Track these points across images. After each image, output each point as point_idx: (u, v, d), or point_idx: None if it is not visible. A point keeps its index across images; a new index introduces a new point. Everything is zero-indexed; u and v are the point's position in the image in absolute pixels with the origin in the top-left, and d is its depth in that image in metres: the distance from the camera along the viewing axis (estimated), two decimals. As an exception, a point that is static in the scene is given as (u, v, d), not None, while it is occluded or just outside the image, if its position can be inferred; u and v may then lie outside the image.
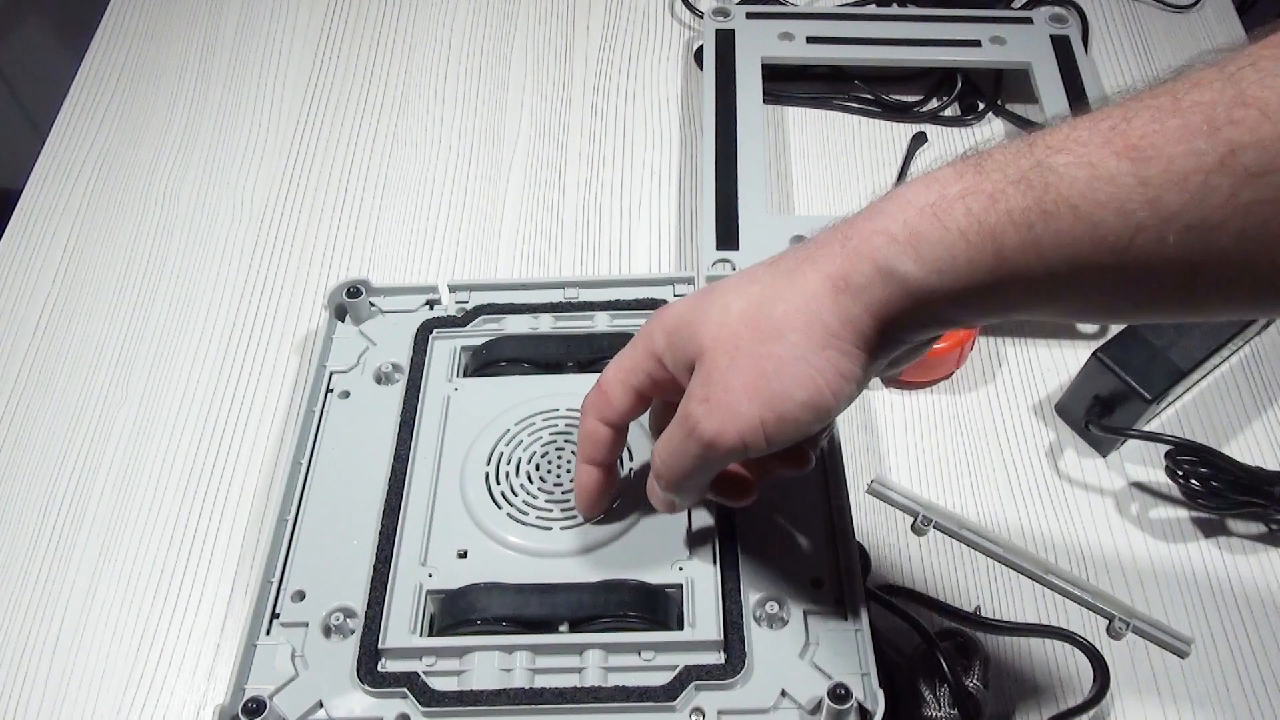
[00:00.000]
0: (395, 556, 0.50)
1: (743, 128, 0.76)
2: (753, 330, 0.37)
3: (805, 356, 0.36)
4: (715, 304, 0.39)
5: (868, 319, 0.36)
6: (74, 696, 0.56)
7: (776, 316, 0.37)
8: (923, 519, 0.60)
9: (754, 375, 0.37)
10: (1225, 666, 0.56)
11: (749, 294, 0.38)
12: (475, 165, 0.80)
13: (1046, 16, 0.83)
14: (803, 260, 0.37)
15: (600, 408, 0.45)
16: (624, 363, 0.44)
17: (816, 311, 0.36)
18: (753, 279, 0.39)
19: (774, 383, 0.37)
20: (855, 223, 0.37)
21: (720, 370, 0.38)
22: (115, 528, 0.62)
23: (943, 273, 0.34)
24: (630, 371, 0.43)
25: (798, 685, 0.45)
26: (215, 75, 0.86)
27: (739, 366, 0.37)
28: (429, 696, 0.45)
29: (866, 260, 0.35)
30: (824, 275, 0.36)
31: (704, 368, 0.39)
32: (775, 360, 0.37)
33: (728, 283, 0.40)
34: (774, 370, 0.37)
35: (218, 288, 0.73)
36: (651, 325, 0.42)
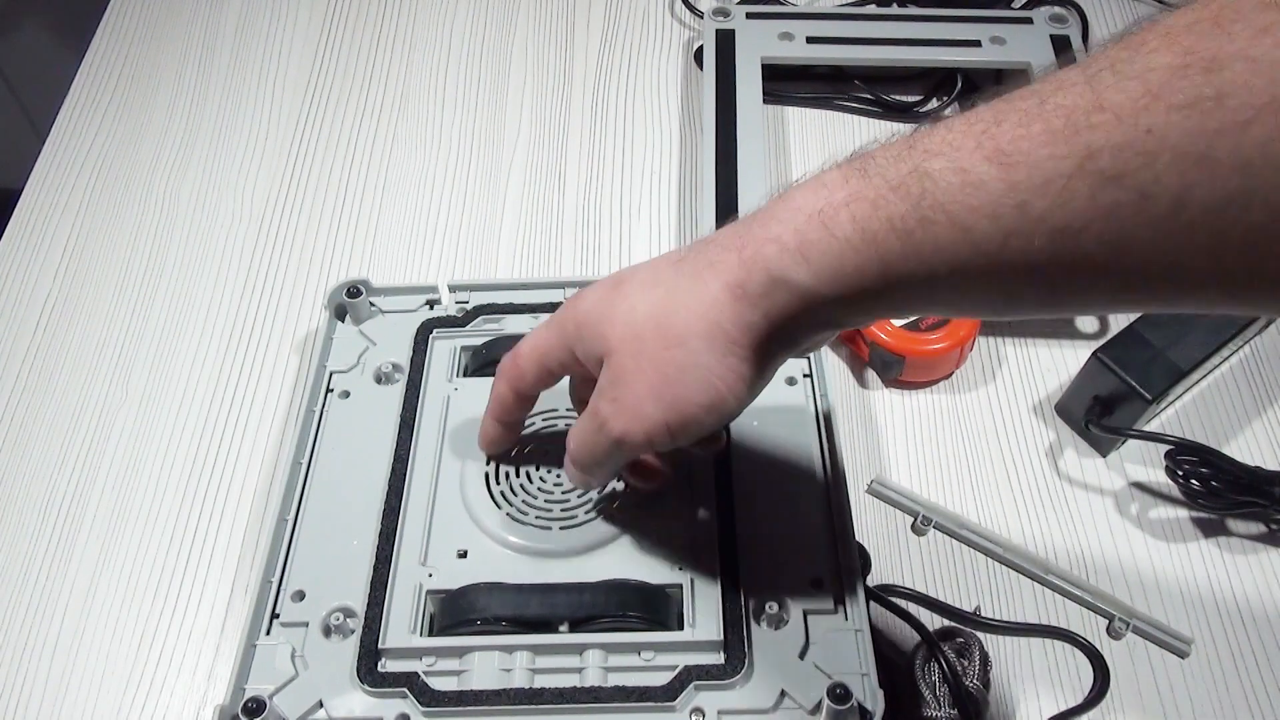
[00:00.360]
0: (395, 556, 0.50)
1: (743, 128, 0.76)
2: (657, 334, 0.38)
3: (706, 363, 0.38)
4: (622, 303, 0.40)
5: (764, 324, 0.37)
6: (74, 696, 0.56)
7: (679, 322, 0.38)
8: (923, 519, 0.60)
9: (658, 379, 0.39)
10: (1225, 666, 0.56)
11: (653, 297, 0.39)
12: (475, 165, 0.80)
13: (1046, 16, 0.83)
14: (703, 266, 0.38)
15: (513, 378, 0.47)
16: (539, 342, 0.45)
17: (716, 319, 0.37)
18: (657, 280, 0.40)
19: (676, 388, 0.38)
20: (751, 228, 0.37)
21: (627, 372, 0.39)
22: (115, 528, 0.62)
23: (833, 280, 0.35)
24: (544, 353, 0.45)
25: (798, 685, 0.45)
26: (215, 75, 0.86)
27: (643, 370, 0.39)
28: (429, 696, 0.45)
29: (761, 269, 0.36)
30: (723, 283, 0.37)
31: (611, 367, 0.40)
32: (677, 366, 0.38)
33: (635, 279, 0.41)
34: (676, 376, 0.38)
35: (218, 288, 0.73)
36: (565, 313, 0.44)
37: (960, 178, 0.32)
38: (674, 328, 0.38)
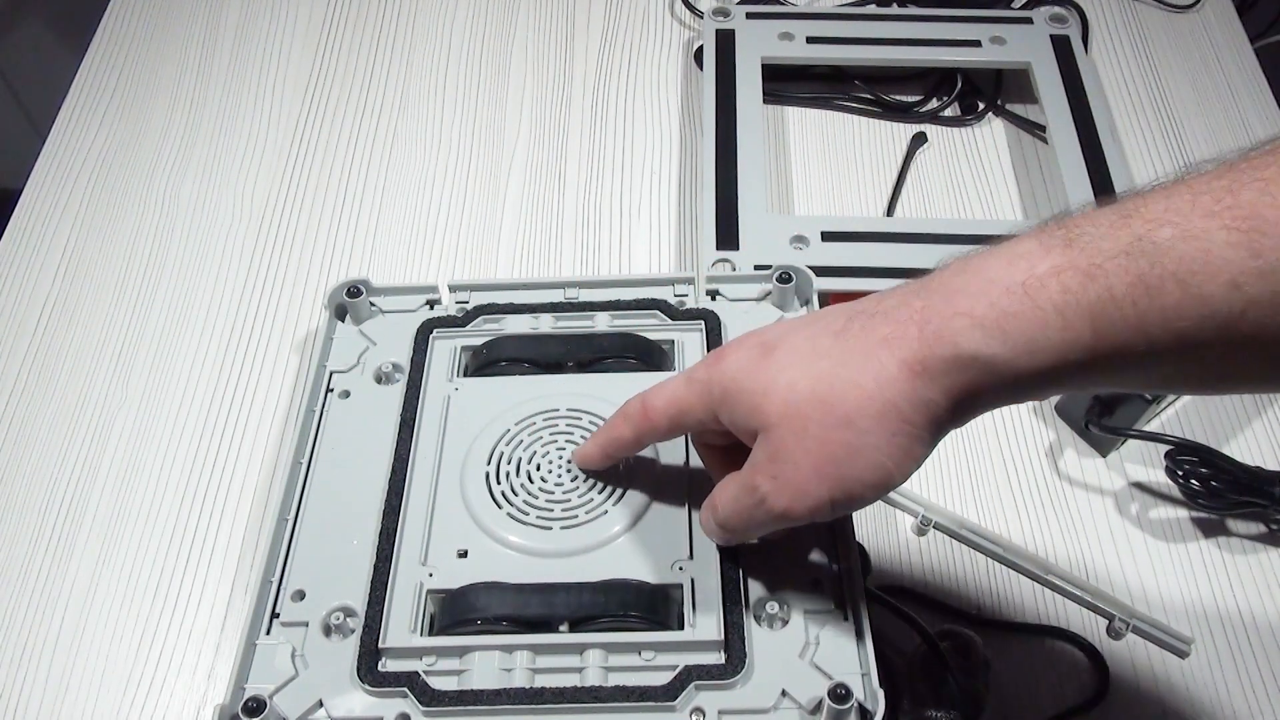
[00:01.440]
0: (395, 556, 0.50)
1: (743, 128, 0.76)
2: (823, 413, 0.37)
3: (876, 444, 0.36)
4: (781, 376, 0.39)
5: (944, 402, 0.36)
6: (74, 696, 0.56)
7: (849, 402, 0.36)
8: (923, 519, 0.60)
9: (823, 459, 0.37)
10: (1225, 666, 0.56)
11: (816, 370, 0.37)
12: (475, 165, 0.80)
13: (1046, 16, 0.83)
14: (875, 343, 0.36)
15: (639, 424, 0.46)
16: (678, 398, 0.44)
17: (891, 399, 0.36)
18: (817, 351, 0.38)
19: (844, 468, 0.37)
20: (932, 301, 0.36)
21: (789, 450, 0.38)
22: (115, 528, 0.62)
23: (1034, 353, 0.34)
24: (681, 411, 0.44)
25: (798, 685, 0.45)
26: (215, 75, 0.86)
27: (808, 449, 0.37)
28: (429, 696, 0.45)
29: (948, 345, 0.35)
30: (900, 361, 0.35)
31: (770, 443, 0.39)
32: (846, 447, 0.37)
33: (789, 347, 0.39)
34: (844, 456, 0.37)
35: (218, 288, 0.73)
36: (710, 376, 0.42)
37: (1195, 245, 0.31)
38: (842, 407, 0.36)
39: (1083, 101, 0.77)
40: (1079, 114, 0.76)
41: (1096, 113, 0.76)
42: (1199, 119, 0.82)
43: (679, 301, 0.60)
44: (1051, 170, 0.76)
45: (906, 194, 0.78)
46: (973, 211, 0.77)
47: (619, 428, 0.47)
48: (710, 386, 0.42)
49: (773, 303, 0.60)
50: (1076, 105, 0.77)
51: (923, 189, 0.78)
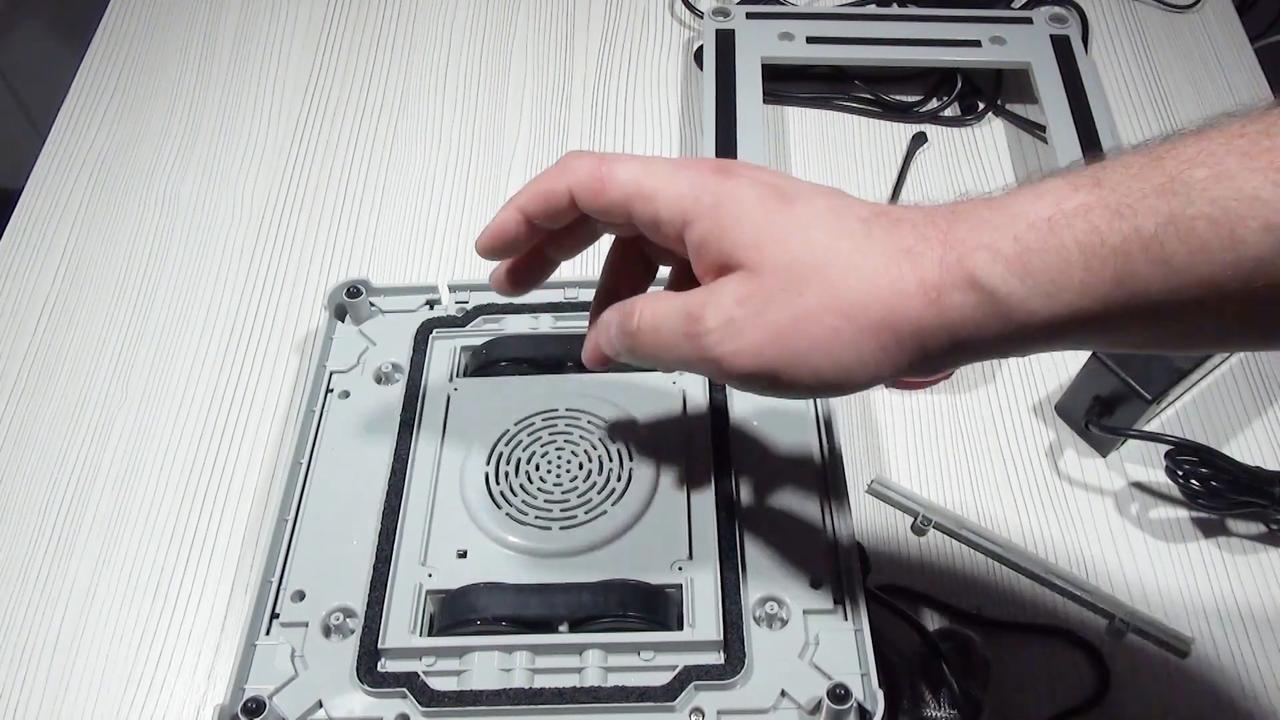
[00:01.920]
0: (395, 556, 0.50)
1: (743, 128, 0.76)
2: (824, 290, 0.34)
3: (857, 345, 0.34)
4: (795, 234, 0.35)
5: (943, 336, 0.34)
6: (74, 696, 0.56)
7: (858, 294, 0.34)
8: (923, 519, 0.60)
9: (798, 334, 0.35)
10: (1225, 666, 0.56)
11: (837, 249, 0.35)
12: (475, 165, 0.80)
13: (1046, 16, 0.83)
14: (900, 250, 0.34)
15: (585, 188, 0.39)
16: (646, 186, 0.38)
17: (898, 313, 0.34)
18: (843, 230, 0.35)
19: (813, 352, 0.35)
20: (956, 227, 0.34)
21: (767, 304, 0.35)
22: (115, 528, 0.62)
23: (1051, 294, 0.32)
24: (645, 198, 0.38)
25: (797, 685, 0.45)
26: (215, 75, 0.86)
27: (791, 315, 0.35)
28: (429, 696, 0.45)
29: (964, 277, 0.33)
30: (919, 279, 0.34)
31: (749, 285, 0.35)
32: (832, 334, 0.34)
33: (813, 213, 0.36)
34: (822, 341, 0.35)
35: (218, 288, 0.73)
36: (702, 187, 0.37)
37: (1230, 186, 0.30)
38: (849, 296, 0.34)
39: (1083, 101, 0.77)
40: (1079, 114, 0.76)
41: (1096, 113, 0.76)
42: (1199, 119, 0.82)
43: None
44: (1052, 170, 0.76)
45: (906, 194, 0.78)
46: (973, 211, 0.77)
47: (548, 177, 0.40)
48: (701, 193, 0.37)
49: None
50: (1076, 105, 0.77)
51: (923, 189, 0.78)
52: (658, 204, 0.38)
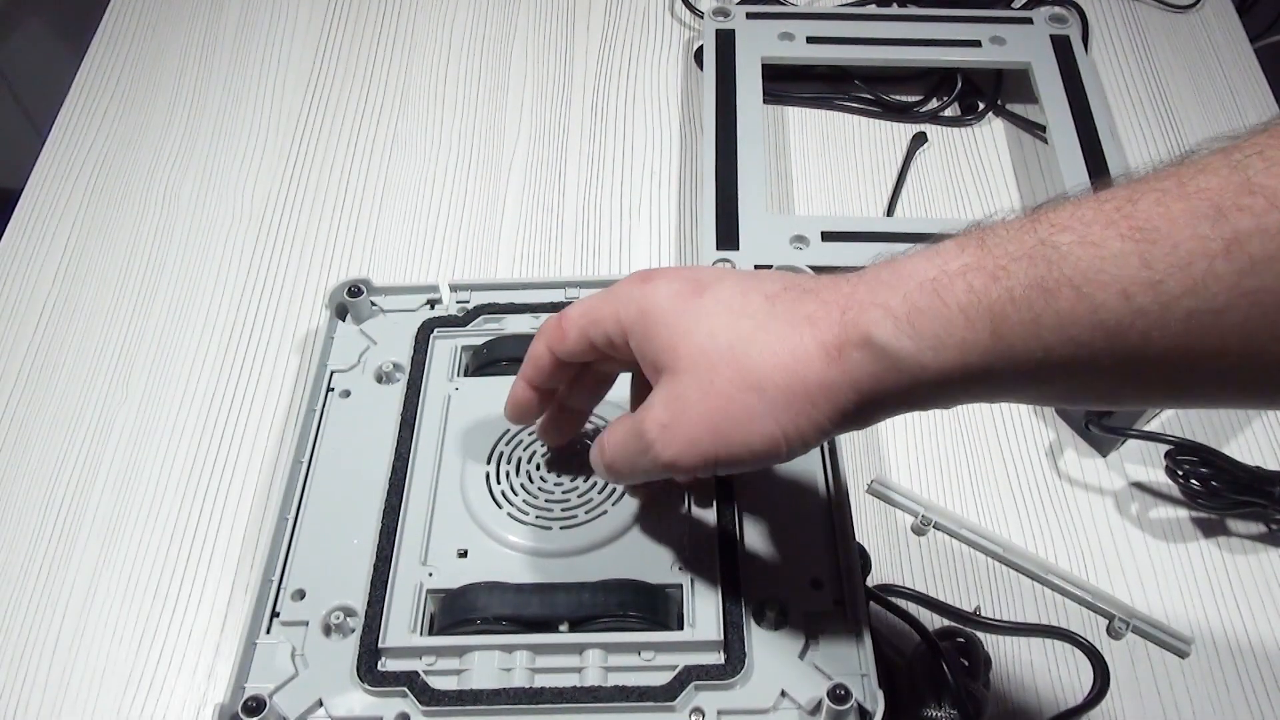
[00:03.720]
0: (395, 556, 0.50)
1: (743, 128, 0.76)
2: (733, 370, 0.37)
3: (777, 416, 0.37)
4: (703, 321, 0.39)
5: (850, 392, 0.36)
6: (74, 696, 0.56)
7: (763, 367, 0.37)
8: (923, 519, 0.60)
9: (722, 417, 0.37)
10: (1225, 666, 0.56)
11: (739, 328, 0.38)
12: (475, 165, 0.80)
13: (1046, 16, 0.83)
14: (801, 317, 0.37)
15: (554, 340, 0.44)
16: (591, 313, 0.43)
17: (802, 375, 0.36)
18: (746, 310, 0.38)
19: (738, 430, 0.37)
20: (857, 289, 0.36)
21: (690, 402, 0.38)
22: (115, 528, 0.62)
23: (938, 350, 0.34)
24: (594, 324, 0.42)
25: (797, 685, 0.45)
26: (215, 75, 0.86)
27: (709, 403, 0.38)
28: (429, 696, 0.45)
29: (861, 333, 0.35)
30: (818, 341, 0.36)
31: (673, 388, 0.39)
32: (747, 410, 0.37)
33: (719, 296, 0.39)
34: (743, 418, 0.37)
35: (218, 288, 0.73)
36: (630, 296, 0.41)
37: (1091, 251, 0.32)
38: (756, 371, 0.37)
39: (1083, 101, 0.77)
40: (1079, 114, 0.76)
41: (1096, 113, 0.76)
42: (1199, 119, 0.82)
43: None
44: (1051, 170, 0.76)
45: (907, 194, 0.78)
46: (973, 211, 0.77)
47: (534, 346, 0.46)
48: (629, 304, 0.41)
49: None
50: (1076, 105, 0.77)
51: (923, 189, 0.78)
52: (604, 326, 0.42)
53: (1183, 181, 0.31)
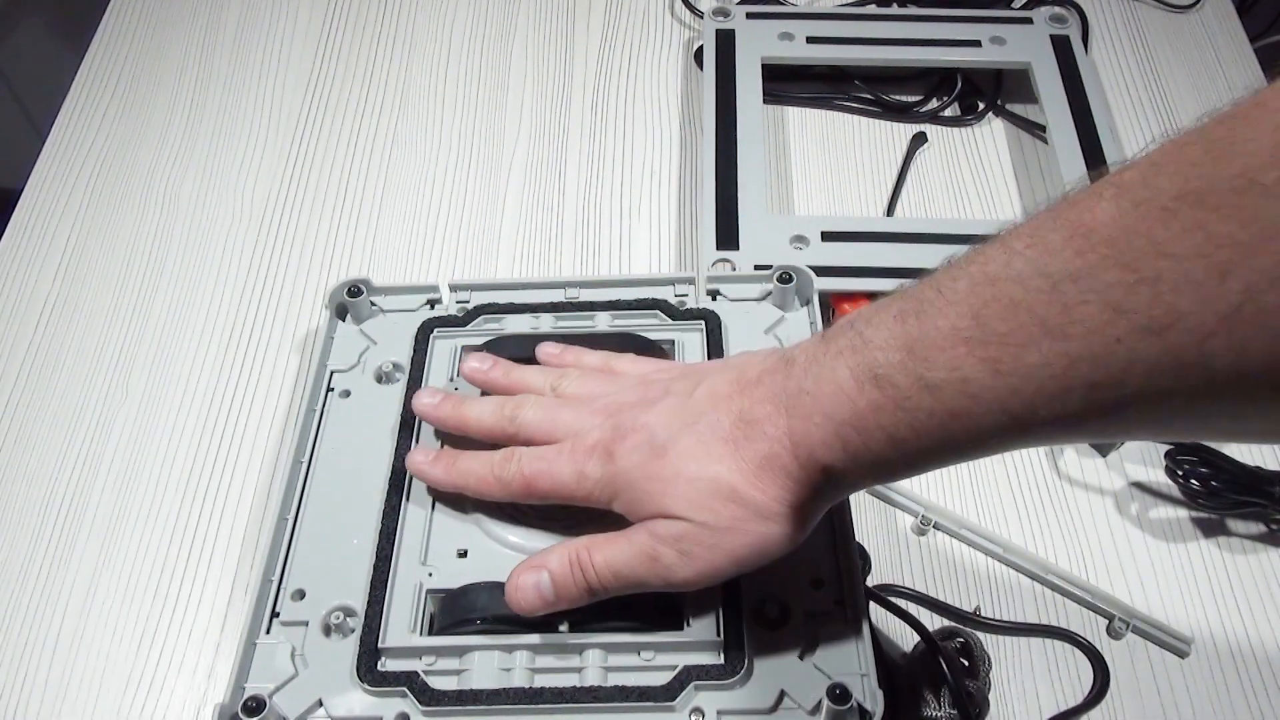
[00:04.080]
0: (395, 556, 0.50)
1: (743, 128, 0.76)
2: (736, 508, 0.42)
3: (787, 532, 0.42)
4: (680, 473, 0.43)
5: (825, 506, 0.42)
6: (74, 696, 0.56)
7: (758, 502, 0.41)
8: (923, 519, 0.60)
9: (736, 547, 0.42)
10: (1225, 666, 0.56)
11: (715, 472, 0.42)
12: (475, 165, 0.80)
13: (1046, 16, 0.83)
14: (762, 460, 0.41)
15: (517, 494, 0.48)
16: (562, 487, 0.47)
17: (792, 503, 0.41)
18: (713, 456, 0.42)
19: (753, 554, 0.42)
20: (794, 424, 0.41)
21: (700, 535, 0.42)
22: (115, 528, 0.62)
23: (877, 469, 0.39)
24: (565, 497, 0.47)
25: (797, 685, 0.45)
26: (215, 75, 0.86)
27: (728, 537, 0.42)
28: (429, 696, 0.45)
29: (819, 471, 0.40)
30: (787, 478, 0.41)
31: (678, 526, 0.43)
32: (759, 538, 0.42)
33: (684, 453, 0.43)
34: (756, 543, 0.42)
35: (218, 288, 0.73)
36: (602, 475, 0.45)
37: (963, 387, 0.35)
38: (757, 505, 0.42)
39: (1083, 101, 0.77)
40: (1079, 114, 0.76)
41: (1096, 113, 0.76)
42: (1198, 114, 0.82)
43: (679, 301, 0.60)
44: (1051, 170, 0.76)
45: (906, 194, 0.78)
46: (973, 211, 0.77)
47: (491, 487, 0.49)
48: (602, 485, 0.45)
49: (773, 303, 0.60)
50: (1076, 105, 0.77)
51: (923, 189, 0.78)
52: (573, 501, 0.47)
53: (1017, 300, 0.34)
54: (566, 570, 0.45)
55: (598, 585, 0.44)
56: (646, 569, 0.43)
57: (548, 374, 0.52)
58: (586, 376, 0.51)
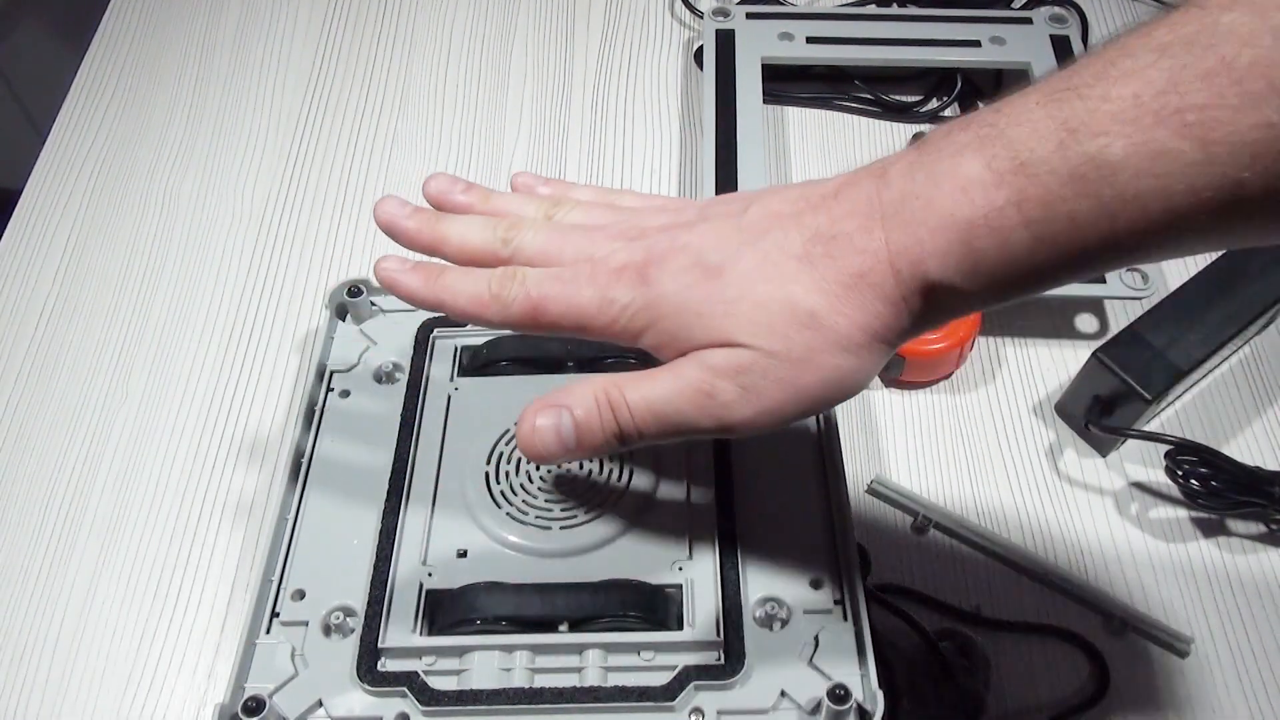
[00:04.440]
0: (395, 556, 0.50)
1: (743, 128, 0.76)
2: (812, 336, 0.36)
3: (863, 366, 0.37)
4: (745, 296, 0.37)
5: (919, 327, 0.37)
6: (74, 696, 0.56)
7: (841, 329, 0.36)
8: (923, 519, 0.60)
9: (807, 381, 0.37)
10: (1225, 666, 0.56)
11: (791, 294, 0.37)
12: (475, 165, 0.80)
13: (1046, 16, 0.83)
14: (853, 275, 0.36)
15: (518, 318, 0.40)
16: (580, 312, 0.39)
17: (879, 330, 0.36)
18: (785, 275, 0.37)
19: (825, 387, 0.37)
20: (894, 235, 0.35)
21: (767, 366, 0.37)
22: (115, 528, 0.62)
23: (1005, 283, 0.35)
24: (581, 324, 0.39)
25: (797, 686, 0.45)
26: (215, 75, 0.86)
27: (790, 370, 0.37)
28: (428, 696, 0.45)
29: (924, 284, 0.35)
30: (884, 297, 0.36)
31: (741, 356, 0.37)
32: (834, 369, 0.37)
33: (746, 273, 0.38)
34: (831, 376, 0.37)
35: (218, 288, 0.73)
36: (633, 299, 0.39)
37: (1152, 163, 0.31)
38: (835, 332, 0.36)
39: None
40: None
41: (1096, 113, 0.76)
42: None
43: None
44: (1051, 170, 0.76)
45: (906, 194, 0.78)
46: (973, 211, 0.77)
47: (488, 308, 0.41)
48: (632, 312, 0.39)
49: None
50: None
51: (923, 189, 0.78)
52: (590, 332, 0.40)
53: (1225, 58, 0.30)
54: (594, 410, 0.39)
55: (631, 429, 0.39)
56: (696, 407, 0.38)
57: (539, 203, 0.45)
58: (588, 208, 0.44)
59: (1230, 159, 0.30)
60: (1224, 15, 0.30)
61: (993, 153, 0.33)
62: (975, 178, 0.34)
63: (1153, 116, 0.31)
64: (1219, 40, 0.30)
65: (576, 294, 0.39)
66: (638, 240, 0.40)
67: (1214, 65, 0.30)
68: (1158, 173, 0.31)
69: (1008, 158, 0.33)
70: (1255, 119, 0.29)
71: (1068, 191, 0.32)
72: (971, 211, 0.33)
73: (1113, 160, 0.31)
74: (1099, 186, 0.31)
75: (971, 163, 0.34)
